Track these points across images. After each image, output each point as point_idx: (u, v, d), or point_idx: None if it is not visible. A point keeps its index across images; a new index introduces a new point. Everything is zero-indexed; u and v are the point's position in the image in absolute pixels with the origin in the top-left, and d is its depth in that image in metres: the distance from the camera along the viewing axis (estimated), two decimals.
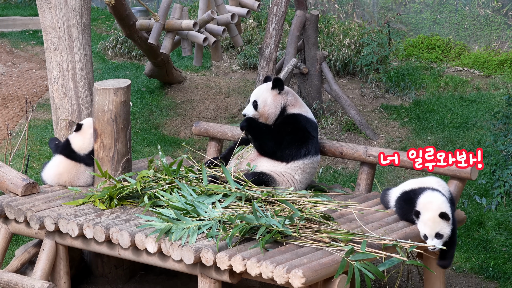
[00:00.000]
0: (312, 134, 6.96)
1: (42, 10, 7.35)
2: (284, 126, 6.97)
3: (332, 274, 5.64)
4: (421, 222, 6.28)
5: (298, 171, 6.91)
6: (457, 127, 10.65)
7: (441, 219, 6.22)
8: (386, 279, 7.38)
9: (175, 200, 6.32)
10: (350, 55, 12.31)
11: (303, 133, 6.94)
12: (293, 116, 7.00)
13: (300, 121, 6.97)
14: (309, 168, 6.96)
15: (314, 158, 6.99)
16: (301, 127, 6.95)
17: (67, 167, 7.06)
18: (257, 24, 13.59)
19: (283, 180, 6.86)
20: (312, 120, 7.05)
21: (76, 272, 7.25)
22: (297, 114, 7.00)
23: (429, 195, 6.38)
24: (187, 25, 8.63)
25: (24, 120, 10.83)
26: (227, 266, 5.70)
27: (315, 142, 6.99)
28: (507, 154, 7.96)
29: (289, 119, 7.00)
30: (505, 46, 13.02)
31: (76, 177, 7.06)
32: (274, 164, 6.92)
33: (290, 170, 6.90)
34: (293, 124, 6.96)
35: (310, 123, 7.01)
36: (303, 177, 6.94)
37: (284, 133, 6.92)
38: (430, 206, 6.29)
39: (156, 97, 11.55)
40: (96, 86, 6.82)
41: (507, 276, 7.78)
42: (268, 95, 7.03)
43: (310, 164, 6.96)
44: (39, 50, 13.51)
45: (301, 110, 7.05)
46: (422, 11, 13.62)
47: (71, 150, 7.07)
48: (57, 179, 7.09)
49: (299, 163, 6.91)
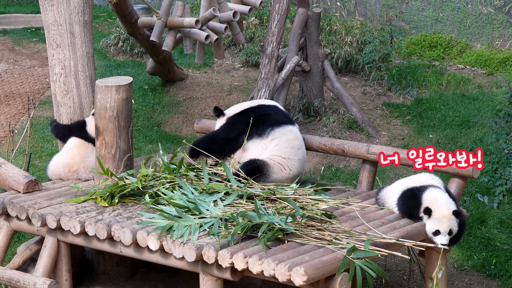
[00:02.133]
0: (261, 113, 7.13)
1: (44, 7, 7.35)
2: (227, 123, 7.23)
3: (333, 272, 5.64)
4: (433, 219, 6.29)
5: (281, 149, 7.02)
6: (459, 125, 10.64)
7: (455, 217, 6.28)
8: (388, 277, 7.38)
9: (177, 198, 6.32)
10: (352, 53, 12.31)
11: (247, 117, 7.12)
12: (234, 115, 7.26)
13: (242, 112, 7.20)
14: (288, 140, 7.03)
15: (282, 129, 7.09)
16: (244, 115, 7.16)
17: (80, 148, 7.15)
18: (259, 21, 13.59)
19: (274, 163, 6.93)
20: (260, 105, 7.23)
21: (78, 269, 7.25)
22: (237, 112, 7.25)
23: (434, 192, 6.42)
24: (189, 23, 8.62)
25: (26, 117, 10.83)
26: (229, 264, 5.71)
27: (271, 117, 7.12)
28: (509, 152, 7.96)
29: (230, 118, 7.26)
30: (507, 44, 13.01)
31: (86, 156, 7.14)
32: (257, 153, 7.00)
33: (274, 152, 7.01)
34: (234, 117, 7.22)
35: (255, 108, 7.21)
36: (290, 153, 7.04)
37: (231, 124, 7.18)
38: (439, 204, 6.33)
39: (158, 95, 11.55)
40: (98, 83, 6.82)
41: (509, 274, 7.78)
42: (218, 126, 7.32)
43: (283, 136, 7.06)
44: (41, 47, 13.51)
45: (242, 108, 7.26)
46: (424, 9, 13.61)
47: (85, 132, 7.21)
48: (69, 163, 7.14)
49: (268, 139, 7.03)
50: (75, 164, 7.19)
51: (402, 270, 7.89)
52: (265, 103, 7.28)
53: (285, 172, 6.98)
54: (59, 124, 7.38)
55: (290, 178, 7.00)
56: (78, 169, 7.19)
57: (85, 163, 7.18)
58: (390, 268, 7.90)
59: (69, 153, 7.21)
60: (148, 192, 6.54)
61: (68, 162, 7.20)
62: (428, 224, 6.32)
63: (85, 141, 7.21)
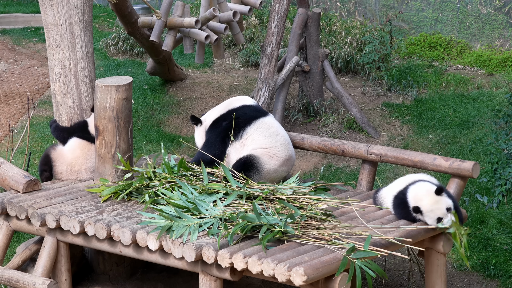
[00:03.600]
0: (228, 120, 7.15)
1: (44, 7, 7.35)
2: (206, 138, 7.28)
3: (333, 272, 5.64)
4: (426, 213, 6.28)
5: (259, 141, 7.05)
6: (459, 125, 10.64)
7: (440, 195, 6.25)
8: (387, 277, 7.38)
9: (177, 198, 6.32)
10: (352, 53, 12.31)
11: (221, 127, 7.16)
12: (209, 128, 7.28)
13: (212, 127, 7.23)
14: (264, 131, 7.09)
15: (255, 124, 7.13)
16: (218, 125, 7.20)
17: (83, 149, 7.14)
18: (259, 21, 13.59)
19: (260, 153, 6.99)
20: (230, 110, 7.23)
21: (77, 269, 7.25)
22: (211, 123, 7.27)
23: (414, 189, 6.42)
24: (189, 23, 8.63)
25: (25, 117, 10.83)
26: (228, 264, 5.71)
27: (240, 118, 7.15)
28: (509, 152, 7.96)
29: (207, 132, 7.29)
30: (506, 45, 13.01)
31: (89, 158, 7.14)
32: (238, 154, 7.07)
33: (253, 146, 7.04)
34: (209, 130, 7.25)
35: (226, 115, 7.21)
36: (270, 140, 7.07)
37: (209, 139, 7.22)
38: (422, 196, 6.32)
39: (157, 95, 11.55)
40: (98, 83, 6.82)
41: (508, 274, 7.78)
42: (197, 133, 7.36)
43: (258, 129, 7.10)
44: (41, 47, 13.51)
45: (213, 116, 7.28)
46: (424, 9, 13.61)
47: (87, 132, 7.20)
48: (72, 163, 7.14)
49: (243, 139, 7.07)
50: (77, 164, 7.19)
51: (401, 270, 7.89)
52: (234, 106, 7.29)
53: (274, 159, 7.00)
54: (58, 126, 7.36)
55: (283, 163, 7.02)
56: (80, 170, 7.19)
57: (87, 165, 7.18)
58: (390, 268, 7.90)
59: (72, 153, 7.20)
60: (148, 192, 6.54)
61: (71, 162, 7.20)
62: (427, 219, 6.31)
63: (88, 142, 7.19)
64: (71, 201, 6.70)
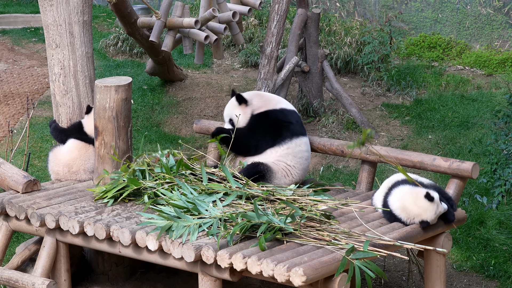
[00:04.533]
0: (284, 120, 7.07)
1: (43, 7, 7.35)
2: (252, 125, 7.13)
3: (332, 273, 5.64)
4: (411, 216, 6.28)
5: (289, 157, 6.98)
6: (458, 126, 10.65)
7: (425, 199, 6.23)
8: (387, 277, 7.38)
9: (176, 198, 6.32)
10: (351, 54, 12.31)
11: (272, 122, 7.06)
12: (258, 115, 7.15)
13: (267, 116, 7.12)
14: (299, 152, 7.02)
15: (299, 140, 7.05)
16: (269, 119, 7.08)
17: (81, 150, 7.13)
18: (258, 22, 13.59)
19: (278, 168, 6.90)
20: (283, 109, 7.16)
21: (77, 269, 7.25)
22: (262, 113, 7.15)
23: (395, 196, 6.40)
24: (188, 23, 8.62)
25: (25, 117, 10.83)
26: (228, 264, 5.71)
27: (292, 126, 7.08)
28: (508, 153, 7.96)
29: (255, 119, 7.15)
30: (506, 45, 13.02)
31: (87, 159, 7.12)
32: (264, 157, 6.99)
33: (281, 158, 6.96)
34: (260, 120, 7.12)
35: (279, 113, 7.13)
36: (296, 162, 7.01)
37: (255, 129, 7.08)
38: (404, 204, 6.30)
39: (157, 95, 11.55)
40: (97, 83, 6.82)
41: (507, 275, 7.78)
42: (238, 110, 7.20)
43: (297, 148, 7.03)
44: (41, 47, 13.52)
45: (267, 107, 7.17)
46: (423, 10, 13.61)
47: (84, 133, 7.17)
48: (70, 164, 7.13)
49: (283, 147, 6.98)
50: (75, 165, 7.19)
51: (401, 270, 7.89)
52: (286, 107, 7.21)
53: (288, 179, 6.99)
54: (57, 127, 7.35)
55: (291, 183, 7.02)
56: (78, 171, 7.19)
57: (86, 166, 7.18)
58: (389, 269, 7.90)
59: (70, 154, 7.20)
60: (147, 193, 6.54)
61: (68, 163, 7.19)
62: (418, 221, 6.31)
63: (86, 143, 7.19)
64: (70, 201, 6.70)
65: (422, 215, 6.25)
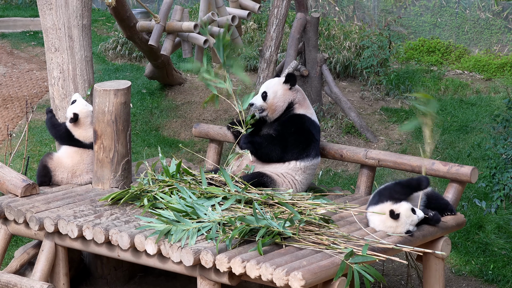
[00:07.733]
0: (315, 136, 6.97)
1: (42, 11, 7.35)
2: (288, 126, 6.96)
3: (331, 277, 5.64)
4: (392, 231, 6.27)
5: (299, 172, 6.92)
6: (457, 130, 10.65)
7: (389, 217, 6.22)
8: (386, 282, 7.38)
9: (175, 202, 6.32)
10: (351, 58, 12.32)
11: (307, 135, 6.95)
12: (299, 117, 7.00)
13: (305, 122, 6.98)
14: (309, 169, 6.97)
15: (315, 160, 7.01)
16: (306, 128, 6.95)
17: (82, 155, 7.12)
18: (257, 26, 13.60)
19: (283, 181, 6.86)
20: (316, 122, 7.05)
21: (76, 273, 7.24)
22: (303, 115, 7.01)
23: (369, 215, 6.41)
24: (187, 27, 8.63)
25: (24, 121, 10.83)
26: (227, 268, 5.70)
27: (317, 145, 7.00)
28: (507, 157, 7.96)
29: (294, 119, 6.99)
30: (505, 50, 13.03)
31: (89, 163, 7.10)
32: (275, 166, 6.92)
33: (291, 171, 6.90)
34: (297, 124, 6.96)
35: (314, 125, 7.01)
36: (303, 178, 6.95)
37: (287, 135, 6.91)
38: (377, 220, 6.31)
39: (156, 99, 11.55)
40: (96, 87, 6.83)
41: (506, 279, 7.78)
42: (279, 88, 7.02)
43: (311, 166, 6.97)
44: (40, 51, 13.52)
45: (307, 111, 7.05)
46: (422, 14, 13.63)
47: (76, 141, 7.13)
48: (73, 169, 7.13)
49: (300, 164, 6.91)
50: (79, 170, 7.16)
51: (399, 275, 7.89)
52: (316, 121, 7.06)
53: (290, 189, 6.91)
54: (52, 120, 7.26)
55: None
56: (81, 174, 7.16)
57: (89, 167, 7.16)
58: (388, 273, 7.89)
59: (71, 160, 7.16)
60: (147, 196, 6.53)
61: (71, 169, 7.16)
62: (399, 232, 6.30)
63: (84, 149, 7.16)
64: (69, 205, 6.70)
65: (398, 228, 6.25)
